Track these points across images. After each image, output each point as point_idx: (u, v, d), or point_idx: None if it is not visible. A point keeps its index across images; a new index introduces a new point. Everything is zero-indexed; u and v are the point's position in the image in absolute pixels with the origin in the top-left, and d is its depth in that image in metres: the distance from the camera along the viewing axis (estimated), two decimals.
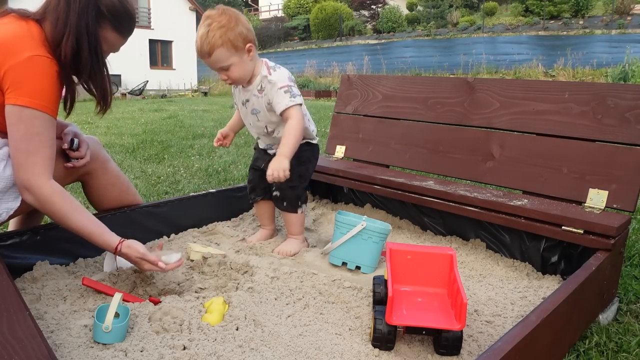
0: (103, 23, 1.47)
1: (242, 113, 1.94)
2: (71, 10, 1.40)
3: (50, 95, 1.39)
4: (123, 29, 1.53)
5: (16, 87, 1.35)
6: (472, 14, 26.31)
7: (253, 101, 1.83)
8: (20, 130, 1.37)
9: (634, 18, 20.27)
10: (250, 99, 1.83)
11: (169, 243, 1.97)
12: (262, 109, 1.82)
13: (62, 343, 1.24)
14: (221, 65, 1.70)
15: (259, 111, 1.83)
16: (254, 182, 2.04)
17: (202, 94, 18.97)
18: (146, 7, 21.33)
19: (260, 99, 1.81)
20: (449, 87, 2.33)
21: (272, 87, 1.76)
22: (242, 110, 1.92)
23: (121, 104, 12.52)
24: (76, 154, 1.67)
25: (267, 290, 1.55)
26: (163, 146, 4.99)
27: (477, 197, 1.89)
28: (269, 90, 1.77)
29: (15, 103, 1.35)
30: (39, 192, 1.39)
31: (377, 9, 30.52)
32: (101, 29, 1.48)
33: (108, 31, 1.50)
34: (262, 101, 1.81)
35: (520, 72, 16.14)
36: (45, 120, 1.39)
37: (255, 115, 1.85)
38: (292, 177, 1.72)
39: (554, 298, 1.24)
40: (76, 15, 1.40)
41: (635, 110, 1.80)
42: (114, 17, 1.48)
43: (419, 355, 1.28)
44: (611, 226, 1.58)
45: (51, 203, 1.40)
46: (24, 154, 1.38)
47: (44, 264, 1.62)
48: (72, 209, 1.43)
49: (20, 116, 1.36)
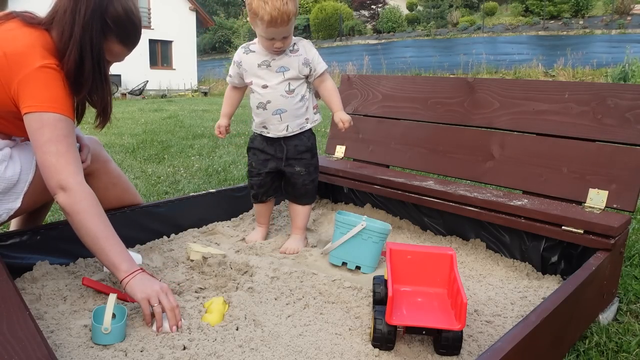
0: (108, 35, 1.46)
1: (259, 75, 1.92)
2: (76, 23, 1.39)
3: (66, 101, 1.40)
4: (128, 40, 1.52)
5: (32, 96, 1.35)
6: (472, 14, 26.31)
7: (282, 60, 1.90)
8: (46, 134, 1.35)
9: (634, 18, 20.26)
10: (276, 58, 1.90)
11: (169, 243, 1.97)
12: (292, 67, 1.91)
13: (62, 343, 1.24)
14: (288, 32, 1.81)
15: (288, 69, 1.91)
16: (266, 186, 2.04)
17: (202, 94, 18.97)
18: (146, 7, 21.32)
19: (292, 57, 1.90)
20: (449, 87, 2.33)
21: (310, 47, 1.95)
22: (260, 72, 1.92)
23: (121, 104, 12.52)
24: None
25: (267, 290, 1.55)
26: (163, 146, 4.99)
27: (477, 197, 1.89)
28: (308, 50, 1.93)
29: (35, 110, 1.35)
30: (78, 190, 1.36)
31: (377, 9, 30.53)
32: (106, 41, 1.47)
33: (113, 43, 1.49)
34: (294, 60, 1.90)
35: (520, 72, 16.14)
36: (69, 122, 1.40)
37: (281, 72, 1.91)
38: (310, 171, 2.01)
39: (554, 298, 1.24)
40: (81, 29, 1.39)
41: (635, 110, 1.80)
42: (119, 28, 1.47)
43: (419, 355, 1.28)
44: (611, 226, 1.58)
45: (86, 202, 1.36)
46: (54, 156, 1.36)
47: (44, 264, 1.62)
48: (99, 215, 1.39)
49: (42, 121, 1.35)
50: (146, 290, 1.32)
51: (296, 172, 1.99)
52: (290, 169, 1.99)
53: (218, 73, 24.31)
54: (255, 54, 1.92)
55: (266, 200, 2.08)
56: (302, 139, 1.99)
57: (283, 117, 1.93)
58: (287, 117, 1.93)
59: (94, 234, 1.36)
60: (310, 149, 2.01)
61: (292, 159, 1.98)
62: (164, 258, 1.80)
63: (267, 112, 1.94)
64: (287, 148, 1.97)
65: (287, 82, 1.91)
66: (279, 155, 1.98)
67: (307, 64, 1.91)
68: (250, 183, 2.08)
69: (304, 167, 1.99)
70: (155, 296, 1.31)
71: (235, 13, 37.28)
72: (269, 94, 1.92)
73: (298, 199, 2.04)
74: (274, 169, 2.01)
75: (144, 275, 1.36)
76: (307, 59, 1.91)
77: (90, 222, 1.36)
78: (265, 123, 1.96)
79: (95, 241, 1.36)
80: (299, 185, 2.00)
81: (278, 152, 1.98)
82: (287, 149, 1.97)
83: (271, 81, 1.91)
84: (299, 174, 1.99)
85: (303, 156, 1.99)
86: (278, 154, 1.98)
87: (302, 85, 1.94)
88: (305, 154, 1.99)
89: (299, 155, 1.98)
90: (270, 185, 2.05)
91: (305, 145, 1.99)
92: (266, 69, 1.91)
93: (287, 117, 1.93)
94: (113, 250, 1.36)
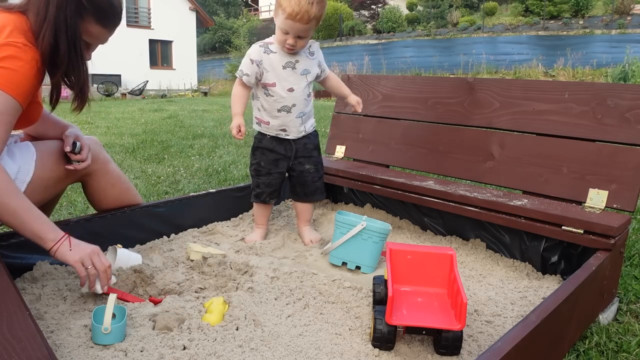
0: (85, 16, 1.43)
1: (284, 77, 1.91)
2: (50, 3, 1.37)
3: (21, 81, 1.34)
4: (107, 21, 1.49)
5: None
6: (472, 14, 26.29)
7: (304, 62, 1.96)
8: None
9: (634, 18, 20.26)
10: (300, 60, 1.94)
11: (169, 243, 1.97)
12: (312, 69, 1.98)
13: (62, 343, 1.24)
14: (304, 33, 1.84)
15: (309, 71, 1.97)
16: (275, 186, 2.05)
17: (202, 94, 18.97)
18: (146, 7, 21.33)
19: (311, 60, 1.98)
20: (449, 87, 2.33)
21: (319, 51, 2.04)
22: (285, 74, 1.91)
23: (121, 104, 12.53)
24: (78, 156, 1.66)
25: (267, 290, 1.55)
26: (163, 146, 4.99)
27: (477, 197, 1.89)
28: (319, 52, 2.03)
29: None
30: None
31: (377, 9, 30.52)
32: (83, 22, 1.44)
33: (91, 24, 1.45)
34: (312, 63, 1.98)
35: (520, 72, 16.14)
36: (12, 104, 1.33)
37: (305, 75, 1.96)
38: (318, 167, 2.08)
39: (554, 298, 1.24)
40: (55, 9, 1.37)
41: (635, 110, 1.80)
42: (96, 9, 1.44)
43: (419, 355, 1.28)
44: (611, 226, 1.58)
45: None
46: None
47: (44, 264, 1.62)
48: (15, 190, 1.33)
49: None
50: (79, 253, 1.35)
51: (306, 170, 2.04)
52: (300, 167, 2.04)
53: (218, 73, 24.31)
54: (277, 54, 1.91)
55: (269, 202, 2.08)
56: (310, 137, 2.05)
57: (303, 119, 2.00)
58: (306, 118, 2.02)
59: (13, 210, 1.31)
60: (317, 146, 2.09)
61: (301, 157, 2.03)
62: (164, 258, 1.79)
63: (291, 115, 1.95)
64: (297, 147, 2.01)
65: (308, 85, 1.99)
66: (289, 154, 2.01)
67: (319, 66, 2.01)
68: (256, 182, 2.05)
69: (313, 165, 2.05)
70: (88, 258, 1.36)
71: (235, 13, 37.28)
72: (295, 98, 1.94)
73: (309, 196, 2.09)
74: (285, 168, 2.04)
75: (72, 240, 1.38)
76: (320, 62, 2.01)
77: (5, 200, 1.30)
78: (285, 126, 1.97)
79: (14, 217, 1.32)
80: (309, 182, 2.06)
81: (288, 151, 2.01)
82: (296, 147, 2.01)
83: (297, 84, 1.94)
84: (308, 172, 2.05)
85: (312, 154, 2.05)
86: (288, 153, 2.01)
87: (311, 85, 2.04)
88: (314, 152, 2.06)
89: (309, 153, 2.04)
90: (279, 186, 2.07)
91: (313, 143, 2.06)
92: (291, 71, 1.93)
93: (306, 119, 2.02)
94: (36, 222, 1.34)
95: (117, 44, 21.45)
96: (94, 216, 1.84)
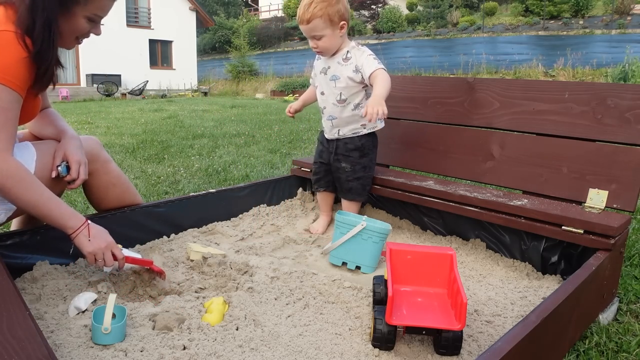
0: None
1: (319, 81, 2.12)
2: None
3: (17, 72, 1.32)
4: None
5: None
6: (472, 14, 26.28)
7: (335, 68, 2.02)
8: None
9: (634, 18, 20.25)
10: (331, 66, 2.03)
11: (169, 243, 1.97)
12: (342, 76, 2.01)
13: (62, 343, 1.24)
14: (314, 34, 1.91)
15: (339, 77, 2.02)
16: (319, 174, 2.24)
17: (202, 94, 18.99)
18: (146, 7, 21.33)
19: (343, 66, 2.00)
20: (449, 87, 2.33)
21: (361, 54, 1.98)
22: (320, 78, 2.09)
23: (121, 103, 12.53)
24: (67, 178, 1.60)
25: (267, 290, 1.55)
26: (163, 146, 4.99)
27: (477, 197, 1.89)
28: (358, 57, 1.98)
29: None
30: (3, 168, 1.31)
31: (377, 9, 30.50)
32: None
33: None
34: (344, 69, 2.00)
35: (520, 72, 16.13)
36: (12, 95, 1.32)
37: (333, 81, 2.03)
38: (356, 169, 2.11)
39: (554, 298, 1.24)
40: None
41: (635, 110, 1.80)
42: None
43: (419, 355, 1.28)
44: (611, 226, 1.58)
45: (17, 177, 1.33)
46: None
47: (44, 264, 1.61)
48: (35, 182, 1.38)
49: None
50: (94, 245, 1.43)
51: (341, 168, 2.12)
52: (337, 164, 2.14)
53: (218, 73, 24.31)
54: (321, 60, 2.09)
55: (320, 190, 2.25)
56: (354, 139, 2.11)
57: (334, 123, 2.10)
58: (339, 123, 2.09)
59: (34, 203, 1.38)
60: (359, 148, 2.11)
61: (340, 154, 2.12)
62: (164, 258, 1.79)
63: (324, 117, 2.13)
64: (337, 144, 2.13)
65: (338, 92, 2.03)
66: (331, 149, 2.14)
67: (357, 71, 1.99)
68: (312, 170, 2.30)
69: (350, 165, 2.11)
70: (101, 252, 1.44)
71: (235, 13, 37.26)
72: (325, 101, 2.10)
73: (344, 193, 2.18)
74: (326, 160, 2.19)
75: (92, 229, 1.44)
76: (357, 66, 1.99)
77: (25, 195, 1.36)
78: (323, 125, 2.18)
79: (36, 209, 1.39)
80: (343, 180, 2.13)
81: (330, 146, 2.15)
82: (337, 145, 2.13)
83: (326, 89, 2.08)
84: (343, 170, 2.13)
85: (351, 154, 2.11)
86: (330, 148, 2.15)
87: (357, 94, 2.04)
88: (353, 152, 2.11)
89: (347, 153, 2.11)
90: (323, 175, 2.20)
91: (355, 144, 2.11)
92: (324, 76, 2.06)
93: (338, 124, 2.09)
94: (55, 211, 1.41)
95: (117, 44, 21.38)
96: (94, 216, 1.84)
